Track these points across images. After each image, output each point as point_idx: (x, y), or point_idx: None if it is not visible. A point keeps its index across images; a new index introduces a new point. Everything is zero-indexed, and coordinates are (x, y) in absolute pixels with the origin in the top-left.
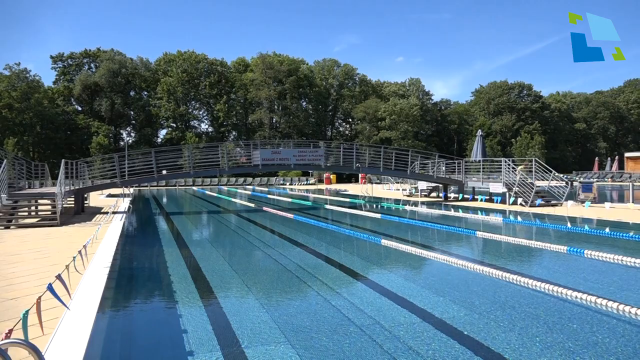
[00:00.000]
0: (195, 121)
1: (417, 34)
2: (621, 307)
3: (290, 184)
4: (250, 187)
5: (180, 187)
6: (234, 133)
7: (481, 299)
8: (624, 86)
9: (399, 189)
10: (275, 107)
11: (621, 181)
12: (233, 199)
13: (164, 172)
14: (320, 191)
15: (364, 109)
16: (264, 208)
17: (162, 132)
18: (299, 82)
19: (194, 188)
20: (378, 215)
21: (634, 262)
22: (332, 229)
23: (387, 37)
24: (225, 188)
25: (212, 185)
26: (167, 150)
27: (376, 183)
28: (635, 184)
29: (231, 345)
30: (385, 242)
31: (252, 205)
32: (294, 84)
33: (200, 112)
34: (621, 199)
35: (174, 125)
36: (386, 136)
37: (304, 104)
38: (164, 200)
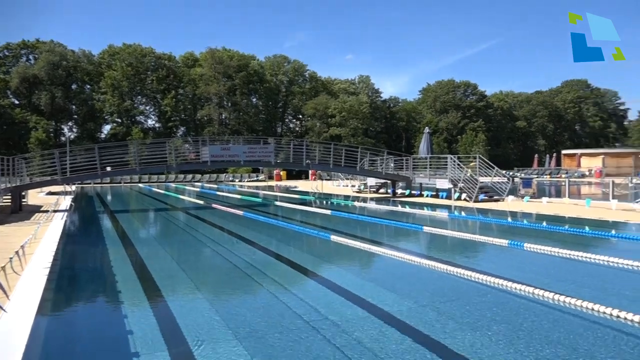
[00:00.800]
0: (141, 116)
1: (366, 32)
2: (556, 296)
3: (240, 181)
4: (199, 184)
5: (125, 185)
6: (182, 129)
7: (428, 292)
8: (561, 86)
9: (348, 186)
10: (225, 103)
11: (558, 177)
12: (181, 196)
13: (109, 168)
14: (270, 188)
15: (314, 106)
16: (213, 205)
17: (107, 128)
18: (249, 77)
19: (140, 185)
20: (328, 212)
21: (569, 254)
22: (282, 225)
23: (337, 34)
24: (173, 185)
25: (160, 182)
26: (112, 146)
27: (326, 179)
28: (571, 179)
29: (179, 344)
30: (334, 238)
31: (201, 202)
32: (244, 79)
33: (147, 107)
34: (558, 194)
35: (119, 120)
36: (336, 133)
37: (254, 100)
38: (109, 197)
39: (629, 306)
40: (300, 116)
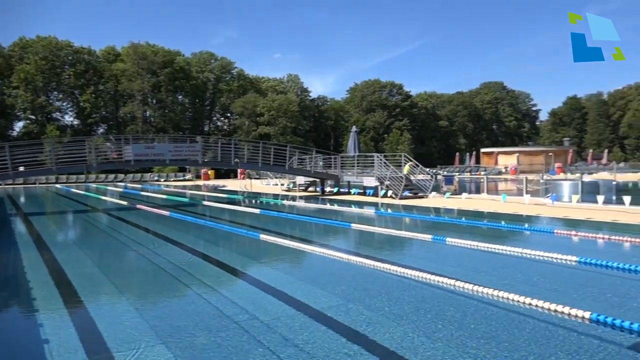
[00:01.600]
0: (57, 113)
1: (294, 31)
2: (476, 287)
3: (166, 180)
4: (122, 184)
5: (41, 185)
6: (103, 127)
7: (356, 288)
8: (480, 88)
9: (277, 184)
10: (149, 100)
11: (478, 174)
12: (103, 197)
13: (22, 168)
14: (197, 187)
15: (243, 104)
16: (138, 206)
17: (19, 125)
18: (175, 74)
19: (57, 186)
20: (257, 211)
21: (488, 247)
22: (210, 225)
23: (265, 32)
24: (93, 185)
25: (79, 182)
26: (25, 144)
27: (255, 178)
28: (489, 177)
29: (99, 351)
30: (264, 237)
31: (124, 203)
32: (169, 76)
33: (64, 104)
34: (478, 190)
35: (33, 117)
36: (265, 132)
37: (180, 97)
38: (22, 199)
39: (543, 294)
40: (229, 114)
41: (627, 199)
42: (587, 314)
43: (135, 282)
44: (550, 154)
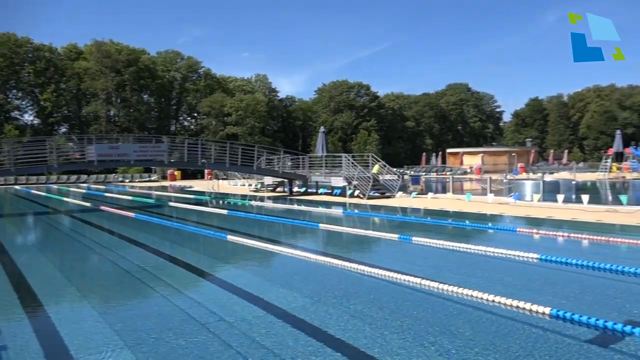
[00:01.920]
0: (16, 112)
1: (262, 30)
2: (442, 286)
3: (131, 181)
4: (85, 185)
5: None
6: (65, 126)
7: (323, 288)
8: (445, 89)
9: (245, 185)
10: (114, 99)
11: (444, 174)
12: (65, 199)
13: None
14: (164, 188)
15: (210, 104)
16: (101, 207)
17: None
18: (140, 73)
19: (17, 187)
20: (224, 212)
21: (452, 246)
22: (177, 226)
23: (232, 31)
24: (55, 186)
25: (40, 183)
26: None
27: (223, 179)
28: (454, 176)
29: (61, 357)
30: (231, 238)
31: (88, 204)
32: (134, 75)
33: (23, 102)
34: (444, 190)
35: None
36: (233, 132)
37: (146, 96)
38: None
39: (506, 291)
40: (195, 114)
41: (585, 197)
42: (547, 310)
43: (98, 285)
44: (514, 154)
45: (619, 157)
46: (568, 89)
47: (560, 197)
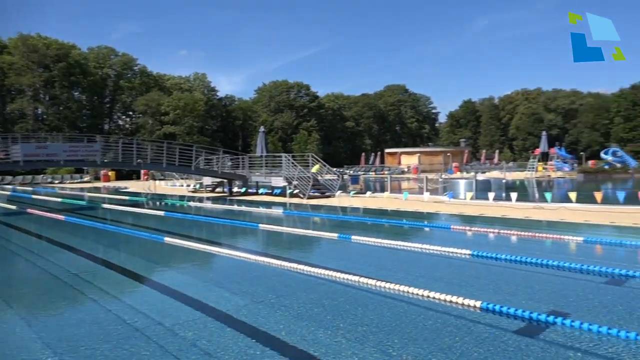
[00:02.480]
0: None
1: (201, 28)
2: (380, 283)
3: (61, 182)
4: (10, 186)
5: None
6: None
7: (263, 289)
8: (384, 90)
9: (183, 185)
10: (42, 96)
11: (382, 174)
12: None
13: None
14: (97, 189)
15: (146, 102)
16: (29, 210)
17: None
18: (70, 69)
19: None
20: (161, 213)
21: (390, 244)
22: (111, 229)
23: (170, 28)
24: None
25: None
26: None
27: (160, 179)
28: (392, 176)
29: None
30: (169, 240)
31: (13, 207)
32: (63, 71)
33: None
34: (382, 189)
35: None
36: (170, 131)
37: (77, 94)
38: None
39: (441, 287)
40: (131, 113)
41: (514, 195)
42: (477, 303)
43: (26, 293)
44: (449, 154)
45: (545, 157)
46: (499, 91)
47: (491, 195)
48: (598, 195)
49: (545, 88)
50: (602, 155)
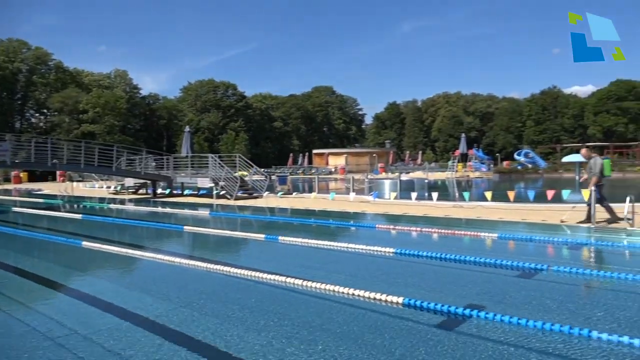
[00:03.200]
0: None
1: (122, 23)
2: (306, 283)
3: None
4: None
5: None
6: None
7: (188, 292)
8: (311, 91)
9: (103, 187)
10: None
11: (310, 174)
12: None
13: None
14: (7, 192)
15: (62, 99)
16: None
17: None
18: None
19: None
20: (79, 216)
21: (317, 243)
22: (24, 235)
23: (88, 22)
24: None
25: None
26: None
27: (78, 181)
28: (320, 176)
29: None
30: (87, 244)
31: None
32: None
33: None
34: (310, 189)
35: None
36: (89, 130)
37: None
38: None
39: (365, 284)
40: (45, 110)
41: (435, 195)
42: (400, 299)
43: None
44: (374, 155)
45: (464, 158)
46: (422, 95)
47: (414, 195)
48: (511, 194)
49: (465, 92)
50: (515, 156)
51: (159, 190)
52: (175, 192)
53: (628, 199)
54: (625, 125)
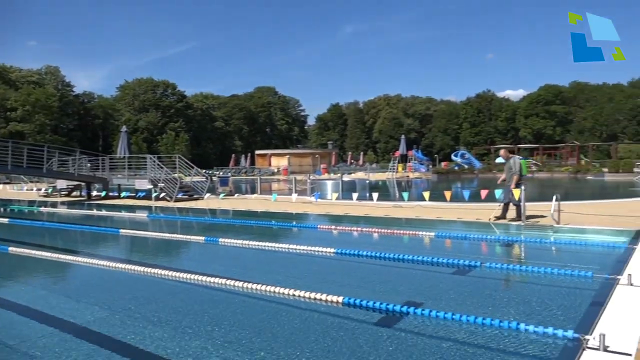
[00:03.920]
0: None
1: (53, 17)
2: (247, 285)
3: None
4: None
5: None
6: None
7: (124, 298)
8: (254, 92)
9: (33, 189)
10: None
11: (253, 175)
12: None
13: None
14: None
15: None
16: None
17: None
18: None
19: None
20: (5, 220)
21: (258, 245)
22: None
23: (15, 15)
24: None
25: None
26: None
27: (4, 183)
28: (262, 177)
29: None
30: (14, 250)
31: None
32: None
33: None
34: (253, 190)
35: None
36: (18, 129)
37: None
38: None
39: (307, 285)
40: None
41: (375, 195)
42: (340, 299)
43: None
44: (317, 155)
45: (404, 159)
46: (364, 96)
47: (355, 195)
48: (448, 194)
49: (405, 94)
50: (453, 157)
51: (94, 193)
52: (111, 194)
53: (554, 197)
54: (553, 127)
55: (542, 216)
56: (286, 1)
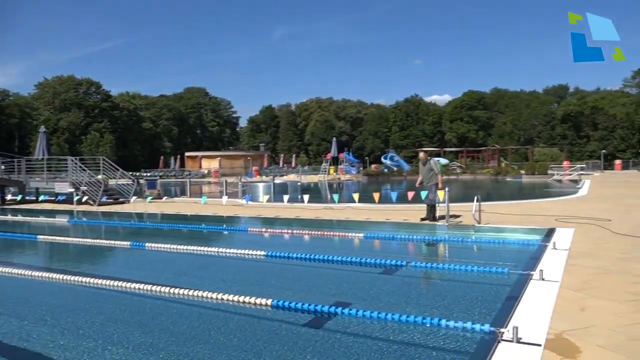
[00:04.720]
0: None
1: None
2: (174, 290)
3: None
4: None
5: None
6: None
7: (42, 307)
8: (183, 92)
9: None
10: None
11: (182, 177)
12: None
13: None
14: None
15: None
16: None
17: None
18: None
19: None
20: None
21: (186, 249)
22: None
23: None
24: None
25: None
26: None
27: None
28: (192, 180)
29: None
30: None
31: None
32: None
33: None
34: (183, 193)
35: None
36: None
37: None
38: None
39: (237, 289)
40: None
41: (306, 197)
42: (269, 301)
43: None
44: (249, 158)
45: (336, 161)
46: (296, 99)
47: (286, 197)
48: (376, 196)
49: (336, 98)
50: (383, 159)
51: (9, 197)
52: (28, 198)
53: (476, 198)
54: (476, 132)
55: (459, 216)
56: (218, 1)
